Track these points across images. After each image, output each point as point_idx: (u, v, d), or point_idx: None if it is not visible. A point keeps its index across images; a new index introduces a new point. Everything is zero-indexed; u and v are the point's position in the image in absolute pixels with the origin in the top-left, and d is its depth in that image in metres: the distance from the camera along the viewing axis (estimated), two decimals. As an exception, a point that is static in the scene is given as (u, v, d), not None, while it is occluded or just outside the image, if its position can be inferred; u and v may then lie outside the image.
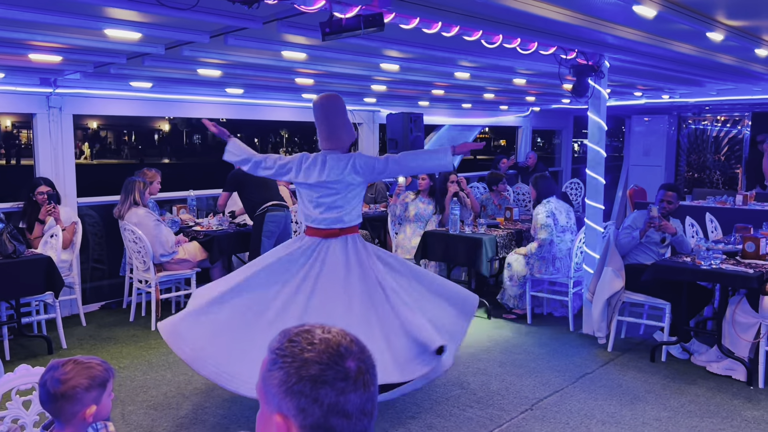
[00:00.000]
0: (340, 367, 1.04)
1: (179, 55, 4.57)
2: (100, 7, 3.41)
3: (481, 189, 9.60)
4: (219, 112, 7.77)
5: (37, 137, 6.07)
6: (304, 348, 1.05)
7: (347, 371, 1.04)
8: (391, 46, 4.61)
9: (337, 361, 1.04)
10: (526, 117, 11.67)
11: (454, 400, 4.31)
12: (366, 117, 9.27)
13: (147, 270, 5.81)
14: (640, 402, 4.29)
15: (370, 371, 1.07)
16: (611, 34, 4.34)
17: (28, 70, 5.35)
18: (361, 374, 1.05)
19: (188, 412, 4.10)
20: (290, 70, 5.70)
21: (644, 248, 5.29)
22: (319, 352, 1.04)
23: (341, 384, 1.03)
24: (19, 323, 5.09)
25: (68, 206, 6.08)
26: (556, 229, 5.98)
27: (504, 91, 8.14)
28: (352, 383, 1.04)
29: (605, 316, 5.23)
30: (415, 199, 6.78)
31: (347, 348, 1.06)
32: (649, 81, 7.37)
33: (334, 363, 1.04)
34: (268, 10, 3.48)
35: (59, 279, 5.05)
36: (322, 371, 1.03)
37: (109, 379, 1.96)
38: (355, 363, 1.06)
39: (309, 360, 1.04)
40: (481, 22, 3.96)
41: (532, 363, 5.01)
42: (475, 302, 4.34)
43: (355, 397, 1.04)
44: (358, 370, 1.05)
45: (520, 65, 5.65)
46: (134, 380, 4.64)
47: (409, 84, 6.98)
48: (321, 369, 1.03)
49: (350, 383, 1.04)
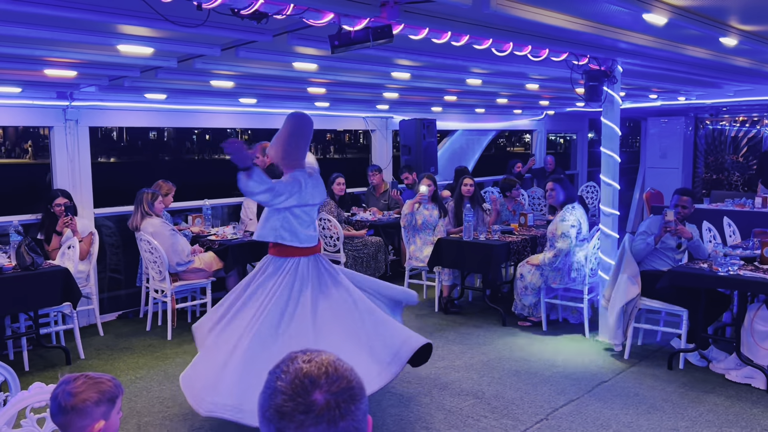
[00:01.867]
0: (302, 399, 1.01)
1: (191, 68, 4.63)
2: (112, 24, 3.46)
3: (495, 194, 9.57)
4: (233, 121, 7.83)
5: (54, 149, 6.17)
6: (279, 376, 1.05)
7: (310, 404, 1.01)
8: (401, 56, 4.62)
9: (300, 393, 1.02)
10: (541, 120, 11.62)
11: (469, 409, 4.29)
12: (379, 123, 9.29)
13: (163, 280, 5.86)
14: (657, 411, 4.24)
15: (341, 407, 1.03)
16: (623, 41, 4.31)
17: (45, 84, 5.44)
18: (329, 409, 1.01)
19: (203, 424, 4.13)
20: (302, 80, 5.73)
21: (660, 254, 5.23)
22: (287, 383, 1.03)
23: (300, 417, 1.00)
24: (37, 334, 5.16)
25: (85, 217, 6.17)
26: (577, 238, 5.78)
27: (517, 96, 8.11)
28: (314, 417, 1.00)
29: (621, 323, 5.18)
30: (419, 207, 6.78)
31: (314, 380, 1.03)
32: (664, 84, 7.30)
33: (296, 395, 1.02)
34: (278, 24, 3.50)
35: (77, 290, 5.11)
36: (284, 402, 1.02)
37: (118, 395, 1.98)
38: (324, 396, 1.02)
39: (277, 389, 1.03)
40: (491, 31, 3.95)
41: (547, 371, 4.98)
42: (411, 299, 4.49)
43: (316, 431, 1.00)
44: (325, 404, 1.01)
45: (533, 71, 5.64)
46: (150, 391, 4.68)
47: (421, 91, 6.99)
48: (284, 400, 1.02)
49: (311, 417, 1.00)
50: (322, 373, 1.04)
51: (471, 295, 7.16)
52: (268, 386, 1.06)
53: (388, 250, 7.90)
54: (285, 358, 1.10)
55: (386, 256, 7.67)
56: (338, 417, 1.01)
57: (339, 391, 1.03)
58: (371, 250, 7.39)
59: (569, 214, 5.76)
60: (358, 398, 1.05)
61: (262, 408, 1.05)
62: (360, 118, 9.05)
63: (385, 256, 7.59)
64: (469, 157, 11.19)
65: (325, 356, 1.08)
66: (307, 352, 1.09)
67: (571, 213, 5.77)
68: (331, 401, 1.02)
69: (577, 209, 5.84)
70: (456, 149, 10.89)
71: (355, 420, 1.04)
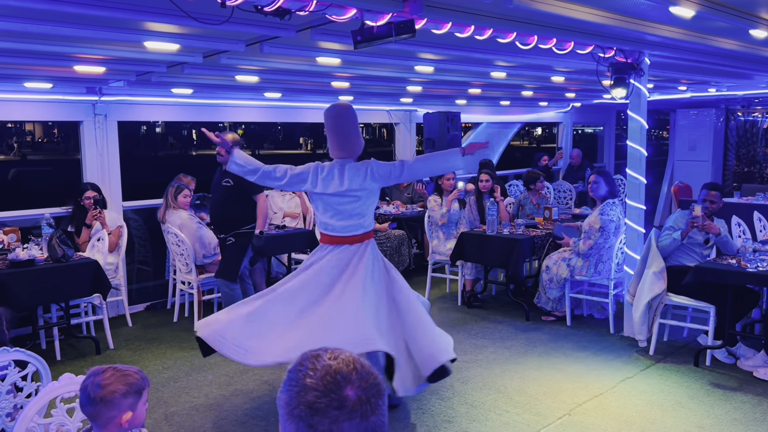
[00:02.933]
0: (335, 395, 1.04)
1: (216, 63, 4.68)
2: (139, 22, 3.52)
3: (520, 187, 9.51)
4: (258, 115, 7.90)
5: (84, 144, 6.29)
6: (307, 374, 1.07)
7: (343, 400, 1.04)
8: (424, 49, 4.61)
9: (333, 389, 1.04)
10: (567, 113, 11.49)
11: (491, 404, 4.30)
12: (403, 117, 9.28)
13: (189, 272, 5.96)
14: (682, 408, 4.20)
15: (372, 401, 1.06)
16: (650, 33, 4.24)
17: (75, 80, 5.55)
18: (360, 404, 1.04)
19: (229, 414, 4.20)
20: (326, 74, 5.76)
21: (687, 249, 5.16)
22: (318, 379, 1.05)
23: (335, 412, 1.03)
24: (68, 324, 5.29)
25: (114, 210, 6.29)
26: (615, 235, 5.74)
27: (542, 88, 8.03)
28: (347, 412, 1.03)
29: (646, 318, 5.12)
30: (441, 202, 6.77)
31: (346, 376, 1.06)
32: (693, 75, 7.16)
33: (329, 391, 1.04)
34: (301, 19, 3.52)
35: (106, 282, 5.23)
36: (317, 398, 1.04)
37: (145, 387, 2.04)
38: (355, 392, 1.05)
39: (308, 386, 1.05)
40: (515, 24, 3.92)
41: (570, 366, 4.95)
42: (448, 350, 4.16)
43: (350, 426, 1.03)
44: (357, 399, 1.04)
45: (558, 64, 5.58)
46: (177, 381, 4.77)
47: (444, 84, 6.96)
48: (316, 396, 1.04)
49: (345, 412, 1.03)
50: (351, 370, 1.07)
51: (494, 289, 7.14)
52: (294, 384, 1.07)
53: (411, 244, 7.91)
54: (305, 356, 1.11)
55: (409, 250, 7.68)
56: (369, 411, 1.05)
57: (368, 387, 1.06)
58: (394, 244, 7.41)
59: (609, 209, 5.73)
60: (383, 393, 1.09)
61: (288, 405, 1.06)
62: (384, 112, 9.05)
63: (408, 250, 7.61)
64: (493, 149, 11.12)
65: (347, 354, 1.11)
66: (328, 350, 1.11)
67: (611, 209, 5.74)
68: (362, 396, 1.05)
69: (618, 206, 5.80)
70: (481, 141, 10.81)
71: (382, 414, 1.07)
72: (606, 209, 5.73)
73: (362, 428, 1.04)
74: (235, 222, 5.41)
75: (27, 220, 6.50)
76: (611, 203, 5.76)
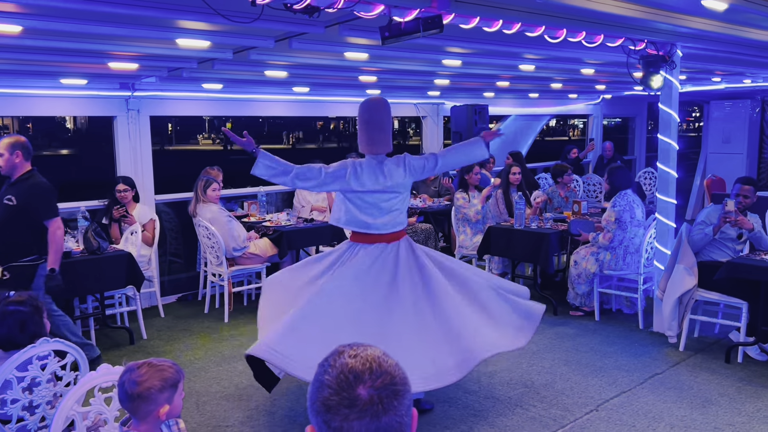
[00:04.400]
0: (347, 393, 1.05)
1: (246, 59, 4.74)
2: (172, 20, 3.59)
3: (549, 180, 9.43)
4: (287, 109, 7.97)
5: (117, 138, 6.43)
6: (326, 370, 1.09)
7: (354, 399, 1.04)
8: (452, 44, 4.60)
9: (345, 387, 1.05)
10: (597, 104, 11.34)
11: (517, 398, 4.31)
12: (430, 110, 9.27)
13: (220, 264, 6.07)
14: (712, 405, 4.15)
15: (384, 402, 1.05)
16: (682, 26, 4.18)
17: (109, 76, 5.67)
18: (372, 404, 1.04)
19: (259, 404, 4.28)
20: (353, 69, 5.78)
21: (719, 245, 5.08)
22: (333, 377, 1.07)
23: (345, 411, 1.04)
24: (103, 314, 5.44)
25: (147, 204, 6.42)
26: (632, 224, 5.75)
27: (572, 81, 7.95)
28: (357, 411, 1.04)
29: (676, 314, 5.07)
30: (469, 198, 6.76)
31: (358, 375, 1.06)
32: (728, 66, 7.01)
33: (341, 389, 1.05)
34: (329, 16, 3.55)
35: (140, 274, 5.36)
36: (330, 396, 1.06)
37: (180, 380, 2.10)
38: (367, 391, 1.05)
39: (324, 383, 1.08)
40: (543, 18, 3.90)
41: (598, 362, 4.93)
42: (538, 313, 4.20)
43: (360, 425, 1.04)
44: (369, 399, 1.05)
45: (588, 56, 5.52)
46: (208, 371, 4.87)
47: (472, 77, 6.93)
48: (330, 393, 1.06)
49: (355, 411, 1.04)
50: (366, 369, 1.07)
51: (522, 283, 7.09)
52: (316, 379, 1.11)
53: (438, 237, 7.92)
54: (333, 351, 1.14)
55: (436, 243, 7.69)
56: (381, 412, 1.05)
57: (382, 387, 1.06)
58: (421, 237, 7.43)
59: (621, 200, 5.79)
60: (401, 393, 1.08)
61: (310, 400, 1.10)
62: (411, 105, 9.05)
63: (435, 243, 7.61)
64: (522, 142, 11.04)
65: (371, 351, 1.12)
66: (354, 347, 1.13)
67: (622, 199, 5.78)
68: (374, 396, 1.05)
69: (629, 195, 5.83)
70: (509, 135, 10.75)
71: (398, 415, 1.07)
72: (617, 200, 5.79)
73: (372, 428, 1.04)
74: (13, 250, 4.31)
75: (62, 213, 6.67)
76: (622, 194, 5.82)
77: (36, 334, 2.80)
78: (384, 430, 1.05)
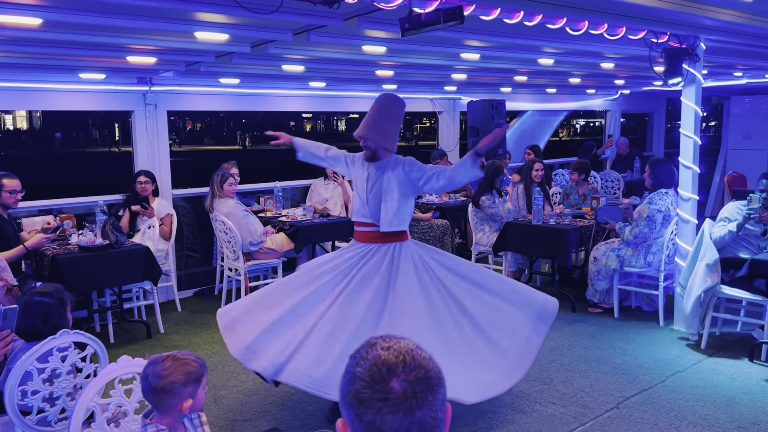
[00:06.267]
0: (380, 386, 1.02)
1: (264, 53, 4.72)
2: (190, 12, 3.57)
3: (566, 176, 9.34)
4: (302, 105, 7.96)
5: (135, 133, 6.45)
6: (358, 362, 1.07)
7: (387, 392, 1.02)
8: (471, 36, 4.55)
9: (378, 380, 1.03)
10: (615, 100, 11.22)
11: (536, 395, 4.26)
12: (446, 105, 9.22)
13: (237, 259, 6.07)
14: (736, 404, 4.08)
15: (419, 396, 1.03)
16: (707, 17, 4.10)
17: (127, 70, 5.69)
18: (405, 398, 1.02)
19: (276, 399, 4.27)
20: (371, 63, 5.75)
21: (743, 241, 4.99)
22: (366, 370, 1.04)
23: (378, 404, 1.01)
24: (121, 308, 5.46)
25: (164, 198, 6.44)
26: (663, 225, 5.55)
27: (591, 75, 7.85)
28: (390, 405, 1.01)
29: (698, 311, 4.98)
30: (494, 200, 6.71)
31: (392, 368, 1.03)
32: (751, 61, 6.90)
33: (374, 382, 1.03)
34: (349, 8, 3.52)
35: (157, 268, 5.37)
36: (362, 388, 1.03)
37: (203, 374, 2.08)
38: (401, 385, 1.02)
39: (356, 375, 1.05)
40: (565, 9, 3.84)
41: (618, 359, 4.86)
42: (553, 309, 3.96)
43: (393, 419, 1.01)
44: (402, 393, 1.02)
45: (608, 50, 5.44)
46: (225, 365, 4.87)
47: (490, 72, 6.87)
48: (362, 386, 1.03)
49: (388, 405, 1.01)
50: (399, 362, 1.04)
51: (539, 280, 7.05)
52: (348, 371, 1.08)
53: (455, 233, 7.87)
54: (365, 343, 1.11)
55: (452, 239, 7.64)
56: (415, 406, 1.02)
57: (416, 380, 1.03)
58: (437, 233, 7.38)
59: (659, 198, 5.57)
60: (435, 388, 1.05)
61: (342, 392, 1.08)
62: (427, 100, 9.00)
63: (451, 239, 7.57)
64: (539, 138, 10.94)
65: (404, 343, 1.08)
66: (387, 339, 1.10)
67: (661, 198, 5.57)
68: (408, 390, 1.02)
69: (670, 195, 5.60)
70: (525, 130, 10.67)
71: (432, 409, 1.04)
72: (655, 198, 5.57)
73: (406, 422, 1.01)
74: None
75: (80, 207, 6.72)
76: (662, 193, 5.58)
77: (58, 326, 2.79)
78: (418, 425, 1.02)
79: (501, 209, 6.60)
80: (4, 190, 4.82)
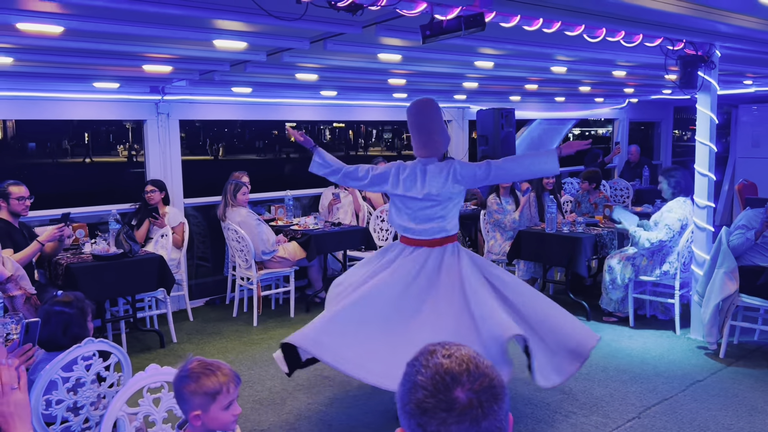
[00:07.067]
0: (444, 396, 0.99)
1: (279, 61, 4.72)
2: (210, 20, 3.57)
3: (576, 185, 9.32)
4: (314, 114, 7.96)
5: (148, 142, 6.45)
6: (419, 370, 1.03)
7: (452, 402, 0.99)
8: (486, 44, 4.54)
9: (441, 389, 0.99)
10: (623, 108, 11.22)
11: (556, 405, 4.22)
12: (455, 114, 9.22)
13: (249, 267, 6.04)
14: (759, 414, 4.03)
15: (484, 405, 0.99)
16: (724, 23, 4.08)
17: (141, 79, 5.69)
18: (471, 407, 0.98)
19: (293, 408, 4.24)
20: (384, 72, 5.75)
21: (762, 249, 4.95)
22: (428, 378, 1.01)
23: (443, 414, 0.98)
24: (134, 317, 5.43)
25: (176, 207, 6.42)
26: (680, 234, 5.52)
27: (601, 84, 7.85)
28: (456, 415, 0.98)
29: (716, 320, 4.94)
30: (501, 203, 6.69)
31: (456, 377, 1.00)
32: (761, 68, 6.88)
33: (438, 391, 1.00)
34: (368, 15, 3.51)
35: (170, 277, 5.35)
36: (425, 398, 1.00)
37: (219, 392, 1.97)
38: (466, 394, 0.99)
39: (418, 384, 1.02)
40: (584, 16, 3.83)
41: (636, 368, 4.82)
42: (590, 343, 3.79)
43: (458, 429, 0.98)
44: (468, 402, 0.99)
45: (622, 57, 5.43)
46: (240, 375, 4.80)
47: (501, 80, 6.87)
48: (425, 395, 1.00)
49: (453, 415, 0.98)
50: (463, 370, 1.01)
51: (552, 288, 7.01)
52: (407, 379, 1.05)
53: (465, 242, 7.84)
54: (423, 350, 1.08)
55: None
56: (481, 416, 0.99)
57: (481, 390, 1.00)
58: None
59: (678, 206, 5.53)
60: (500, 397, 1.03)
61: (402, 401, 1.04)
62: (437, 109, 8.99)
63: (462, 248, 7.54)
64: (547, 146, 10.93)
65: (465, 351, 1.05)
66: (446, 346, 1.07)
67: (681, 206, 5.53)
68: (473, 400, 0.99)
69: (688, 204, 5.56)
70: (534, 138, 10.66)
71: (497, 419, 1.01)
72: (674, 206, 5.55)
73: None
74: None
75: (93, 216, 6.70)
76: (681, 200, 5.56)
77: (78, 337, 2.77)
78: None
79: (507, 218, 6.58)
80: (12, 198, 4.76)
